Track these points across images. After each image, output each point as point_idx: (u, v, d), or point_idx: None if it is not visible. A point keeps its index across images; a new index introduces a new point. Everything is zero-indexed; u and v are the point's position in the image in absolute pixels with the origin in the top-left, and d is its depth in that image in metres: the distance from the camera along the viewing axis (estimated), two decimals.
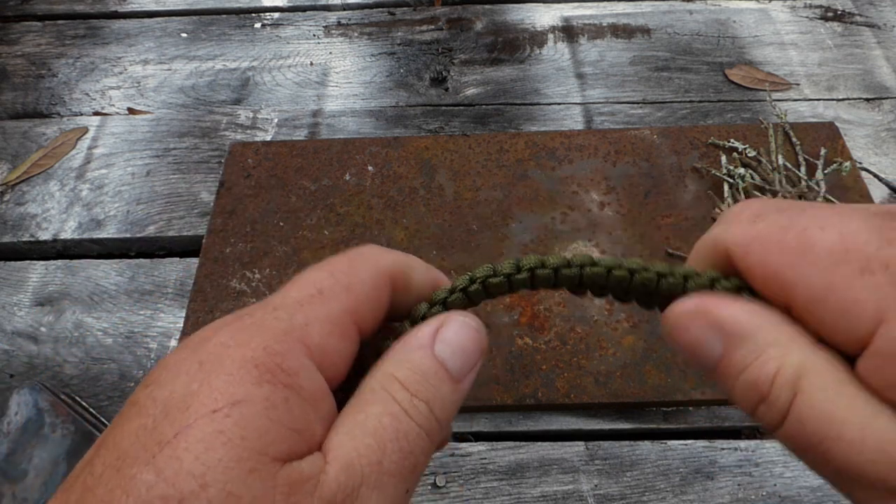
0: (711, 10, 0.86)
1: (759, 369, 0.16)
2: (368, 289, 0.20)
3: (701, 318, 0.18)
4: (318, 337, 0.18)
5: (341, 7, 0.89)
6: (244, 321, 0.18)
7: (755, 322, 0.17)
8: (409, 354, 0.19)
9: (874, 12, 0.85)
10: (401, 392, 0.18)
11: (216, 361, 0.17)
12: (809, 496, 0.48)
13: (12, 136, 0.75)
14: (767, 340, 0.17)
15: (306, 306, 0.19)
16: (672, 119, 0.74)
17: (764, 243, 0.17)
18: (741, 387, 0.17)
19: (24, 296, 0.61)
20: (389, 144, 0.69)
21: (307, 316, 0.19)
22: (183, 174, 0.70)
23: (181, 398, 0.16)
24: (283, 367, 0.17)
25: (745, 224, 0.18)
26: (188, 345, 0.18)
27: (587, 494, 0.49)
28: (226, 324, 0.19)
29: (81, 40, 0.86)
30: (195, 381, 0.17)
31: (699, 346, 0.18)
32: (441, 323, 0.20)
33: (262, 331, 0.18)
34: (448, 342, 0.20)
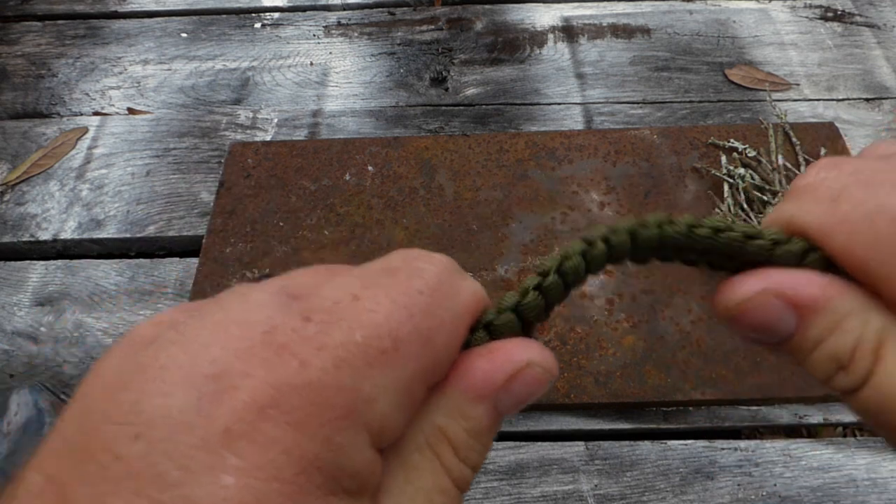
0: (711, 10, 0.86)
1: (838, 340, 0.16)
2: (451, 339, 0.16)
3: (773, 297, 0.16)
4: (382, 418, 0.14)
5: (341, 7, 0.89)
6: (291, 366, 0.13)
7: (831, 293, 0.16)
8: (467, 408, 0.16)
9: (874, 12, 0.85)
10: (451, 458, 0.15)
11: (257, 451, 0.12)
12: (809, 496, 0.48)
13: (12, 136, 0.74)
14: (844, 311, 0.16)
15: (376, 369, 0.14)
16: (672, 119, 0.74)
17: (850, 231, 0.16)
18: (818, 358, 0.16)
19: (24, 296, 0.61)
20: (389, 144, 0.69)
21: (375, 385, 0.14)
22: (183, 174, 0.70)
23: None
24: (349, 469, 0.13)
25: (825, 204, 0.16)
26: (187, 374, 0.13)
27: (587, 494, 0.49)
28: (253, 351, 0.13)
29: (81, 40, 0.86)
30: (231, 485, 0.12)
31: (769, 325, 0.17)
32: (521, 366, 0.16)
33: (320, 401, 0.13)
34: (516, 395, 0.16)
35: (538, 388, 0.16)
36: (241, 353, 0.13)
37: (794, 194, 0.18)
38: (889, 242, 0.15)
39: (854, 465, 0.50)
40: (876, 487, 0.49)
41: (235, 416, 0.12)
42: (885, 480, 0.49)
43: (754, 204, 0.61)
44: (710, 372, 0.53)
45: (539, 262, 0.19)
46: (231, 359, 0.13)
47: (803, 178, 0.18)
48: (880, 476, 0.49)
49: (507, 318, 0.17)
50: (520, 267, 0.59)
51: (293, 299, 0.15)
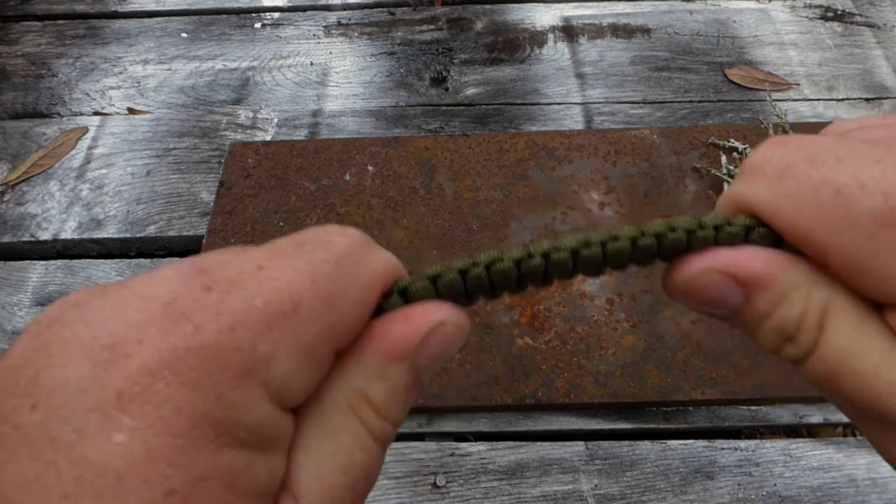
0: (711, 10, 0.86)
1: (784, 313, 0.16)
2: (356, 306, 0.16)
3: (718, 275, 0.17)
4: (283, 376, 0.15)
5: (341, 7, 0.89)
6: (184, 331, 0.14)
7: (774, 268, 0.17)
8: (386, 369, 0.16)
9: (874, 12, 0.85)
10: (372, 417, 0.16)
11: (150, 410, 0.13)
12: (809, 496, 0.48)
13: (12, 136, 0.74)
14: (789, 285, 0.16)
15: (275, 330, 0.14)
16: (672, 119, 0.74)
17: (795, 205, 0.16)
18: (766, 331, 0.17)
19: (24, 296, 0.61)
20: (389, 144, 0.69)
21: (274, 345, 0.14)
22: (183, 174, 0.70)
23: (103, 468, 0.12)
24: (244, 423, 0.14)
25: (771, 181, 0.17)
26: (84, 346, 0.13)
27: (587, 494, 0.49)
28: (150, 320, 0.14)
29: (81, 40, 0.86)
30: (124, 443, 0.13)
31: (718, 300, 0.18)
32: (434, 325, 0.17)
33: (214, 361, 0.14)
34: (433, 353, 0.17)
35: (452, 344, 0.17)
36: (139, 323, 0.14)
37: (743, 173, 0.18)
38: (832, 214, 0.15)
39: (854, 465, 0.50)
40: (876, 487, 0.49)
41: (128, 380, 0.13)
42: (885, 480, 0.49)
43: None
44: (710, 372, 0.53)
45: (491, 252, 0.19)
46: (128, 329, 0.14)
47: (752, 158, 0.18)
48: (880, 476, 0.49)
49: (422, 285, 0.18)
50: None
51: (200, 273, 0.15)
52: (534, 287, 0.20)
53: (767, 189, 0.17)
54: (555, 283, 0.21)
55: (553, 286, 0.20)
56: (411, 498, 0.49)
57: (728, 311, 0.18)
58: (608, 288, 0.58)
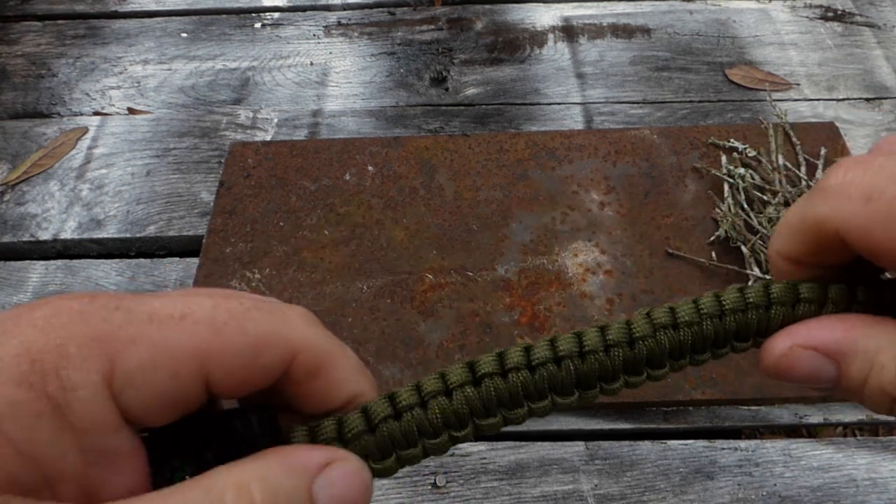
0: (711, 10, 0.86)
1: (879, 377, 0.17)
2: (247, 345, 0.16)
3: (802, 351, 0.17)
4: (138, 362, 0.14)
5: (341, 7, 0.89)
6: (69, 305, 0.15)
7: (853, 335, 0.17)
8: (281, 476, 0.15)
9: (874, 12, 0.85)
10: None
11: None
12: (809, 496, 0.48)
13: (12, 136, 0.74)
14: (873, 348, 0.17)
15: (156, 324, 0.15)
16: (672, 119, 0.74)
17: (885, 227, 0.16)
18: (870, 396, 0.17)
19: (24, 296, 0.61)
20: (389, 144, 0.69)
21: (143, 332, 0.15)
22: (183, 174, 0.70)
23: None
24: (61, 374, 0.14)
25: (858, 203, 0.17)
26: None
27: (587, 494, 0.49)
28: (47, 301, 0.15)
29: (81, 40, 0.86)
30: None
31: (813, 376, 0.18)
32: (334, 458, 0.16)
33: (73, 325, 0.14)
34: (333, 486, 0.16)
35: (356, 486, 0.16)
36: None
37: (821, 194, 0.18)
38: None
39: (854, 465, 0.50)
40: (876, 487, 0.49)
41: None
42: (885, 480, 0.49)
43: (754, 204, 0.61)
44: (710, 372, 0.53)
45: (434, 379, 0.19)
46: None
47: (830, 179, 0.18)
48: (880, 476, 0.49)
49: (330, 429, 0.17)
50: (520, 267, 0.59)
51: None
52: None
53: (855, 211, 0.17)
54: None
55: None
56: (411, 498, 0.49)
57: (828, 383, 0.18)
58: (608, 288, 0.58)
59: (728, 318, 0.18)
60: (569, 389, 0.18)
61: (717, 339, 0.18)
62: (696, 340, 0.18)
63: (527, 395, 0.18)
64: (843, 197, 0.17)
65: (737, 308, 0.18)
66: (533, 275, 0.59)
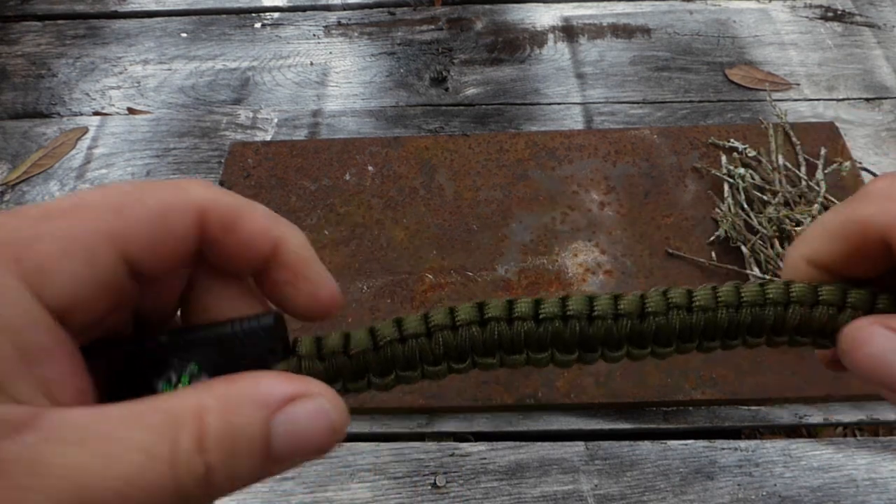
0: (711, 10, 0.86)
1: None
2: (151, 215, 0.16)
3: (885, 333, 0.17)
4: (45, 254, 0.14)
5: (341, 7, 0.89)
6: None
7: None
8: (241, 406, 0.15)
9: (874, 12, 0.85)
10: (188, 441, 0.14)
11: None
12: (809, 496, 0.48)
13: (12, 136, 0.74)
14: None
15: (53, 219, 0.15)
16: (672, 119, 0.74)
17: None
18: None
19: None
20: (389, 144, 0.69)
21: (42, 228, 0.15)
22: (183, 174, 0.70)
23: None
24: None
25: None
26: None
27: (587, 494, 0.49)
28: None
29: (81, 40, 0.86)
30: None
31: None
32: (301, 393, 0.16)
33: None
34: (293, 423, 0.15)
35: (319, 427, 0.16)
36: None
37: (866, 198, 0.18)
38: None
39: (854, 465, 0.50)
40: (876, 487, 0.49)
41: None
42: (885, 480, 0.49)
43: (754, 204, 0.61)
44: (710, 372, 0.53)
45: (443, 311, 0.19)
46: None
47: (875, 185, 0.18)
48: (880, 476, 0.49)
49: (308, 346, 0.18)
50: (520, 267, 0.59)
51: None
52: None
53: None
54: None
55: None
56: (411, 498, 0.49)
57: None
58: (608, 288, 0.58)
59: (744, 311, 0.18)
60: (570, 348, 0.19)
61: (729, 328, 0.18)
62: (708, 326, 0.18)
63: (528, 344, 0.18)
64: (891, 200, 0.17)
65: (755, 301, 0.18)
66: (533, 275, 0.59)
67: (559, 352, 0.18)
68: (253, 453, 0.15)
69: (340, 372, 0.18)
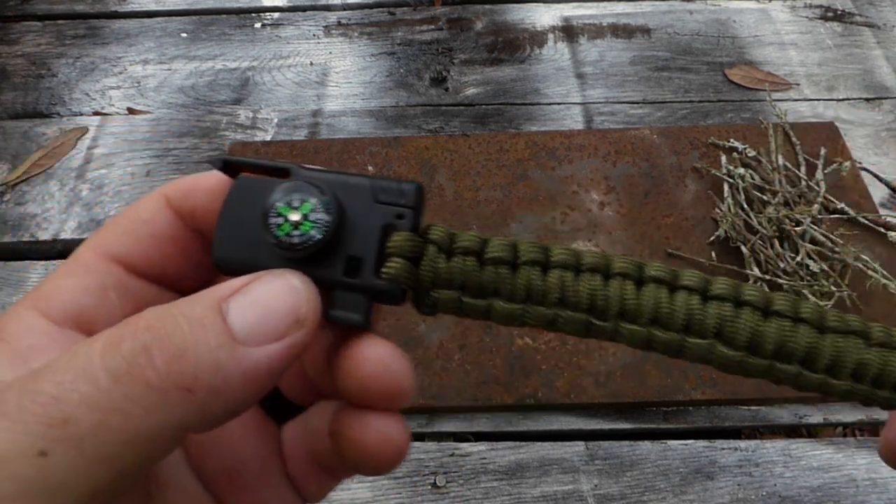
0: (711, 10, 0.86)
1: None
2: (131, 223, 0.18)
3: None
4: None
5: (341, 7, 0.89)
6: None
7: None
8: (192, 303, 0.14)
9: (874, 12, 0.85)
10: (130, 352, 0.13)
11: None
12: (809, 496, 0.48)
13: (12, 136, 0.74)
14: None
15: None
16: (672, 119, 0.74)
17: None
18: None
19: (23, 296, 0.61)
20: (389, 144, 0.69)
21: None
22: (183, 174, 0.70)
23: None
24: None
25: None
26: None
27: (587, 494, 0.49)
28: None
29: (81, 40, 0.86)
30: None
31: None
32: (259, 277, 0.15)
33: None
34: (250, 296, 0.15)
35: (278, 293, 0.15)
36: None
37: None
38: None
39: (854, 465, 0.50)
40: (876, 487, 0.49)
41: None
42: (885, 480, 0.49)
43: (754, 204, 0.61)
44: (710, 372, 0.53)
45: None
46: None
47: None
48: (880, 476, 0.49)
49: (441, 235, 0.17)
50: None
51: None
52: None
53: None
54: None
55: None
56: (411, 498, 0.49)
57: None
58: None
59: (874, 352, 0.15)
60: (674, 325, 0.16)
61: (857, 369, 0.15)
62: (838, 356, 0.15)
63: (623, 312, 0.16)
64: None
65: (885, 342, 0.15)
66: None
67: (659, 328, 0.16)
68: (209, 337, 0.14)
69: (467, 278, 0.16)
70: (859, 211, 0.61)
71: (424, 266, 0.16)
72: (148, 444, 0.13)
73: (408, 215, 0.16)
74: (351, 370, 0.16)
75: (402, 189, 0.17)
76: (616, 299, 0.16)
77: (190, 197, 0.18)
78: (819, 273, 0.54)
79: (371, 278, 0.16)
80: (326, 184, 0.16)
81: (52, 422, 0.12)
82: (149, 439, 0.13)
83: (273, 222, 0.16)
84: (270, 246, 0.16)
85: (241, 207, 0.17)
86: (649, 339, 0.16)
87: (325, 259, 0.16)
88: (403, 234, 0.16)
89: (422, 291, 0.17)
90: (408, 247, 0.16)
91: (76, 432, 0.12)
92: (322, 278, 0.16)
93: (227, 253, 0.16)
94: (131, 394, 0.13)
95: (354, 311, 0.16)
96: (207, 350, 0.14)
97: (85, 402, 0.13)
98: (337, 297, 0.16)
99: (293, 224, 0.16)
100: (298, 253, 0.16)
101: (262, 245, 0.16)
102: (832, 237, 0.57)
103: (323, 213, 0.16)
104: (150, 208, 0.18)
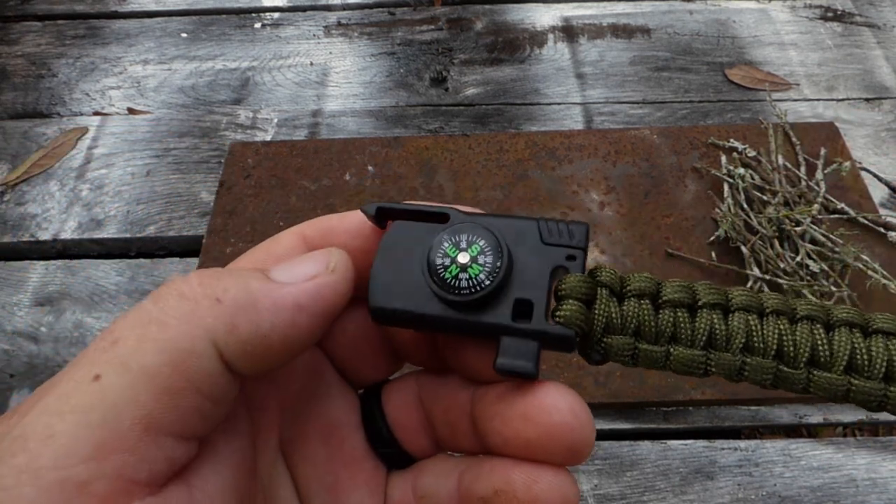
0: (711, 10, 0.86)
1: None
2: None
3: None
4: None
5: (341, 7, 0.89)
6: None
7: None
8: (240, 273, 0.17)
9: (874, 12, 0.85)
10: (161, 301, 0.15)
11: None
12: (809, 496, 0.48)
13: (12, 136, 0.74)
14: None
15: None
16: (672, 119, 0.74)
17: None
18: None
19: (24, 296, 0.61)
20: (389, 144, 0.69)
21: None
22: (183, 174, 0.70)
23: None
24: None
25: None
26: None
27: (587, 494, 0.49)
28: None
29: (81, 40, 0.86)
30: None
31: None
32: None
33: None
34: (291, 265, 0.18)
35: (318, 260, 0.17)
36: None
37: None
38: None
39: (854, 465, 0.50)
40: (876, 487, 0.49)
41: None
42: (884, 480, 0.49)
43: (754, 204, 0.61)
44: None
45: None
46: None
47: None
48: (880, 476, 0.49)
49: (611, 277, 0.16)
50: None
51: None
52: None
53: None
54: None
55: None
56: None
57: None
58: None
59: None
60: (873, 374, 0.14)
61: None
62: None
63: (813, 358, 0.15)
64: None
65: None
66: None
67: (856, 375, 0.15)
68: (247, 273, 0.16)
69: (643, 322, 0.15)
70: (859, 211, 0.61)
71: (599, 310, 0.15)
72: (183, 358, 0.14)
73: (579, 256, 0.16)
74: (534, 418, 0.15)
75: (570, 230, 0.16)
76: (806, 345, 0.15)
77: (328, 238, 0.18)
78: (819, 273, 0.54)
79: (543, 323, 0.15)
80: (492, 226, 0.16)
81: (105, 344, 0.14)
82: (183, 350, 0.14)
83: (440, 263, 0.15)
84: (431, 292, 0.15)
85: (397, 253, 0.16)
86: (849, 391, 0.15)
87: (492, 303, 0.15)
88: (577, 276, 0.16)
89: (591, 338, 0.16)
90: (583, 289, 0.15)
91: (123, 350, 0.14)
92: (490, 325, 0.15)
93: (384, 301, 0.16)
94: (167, 305, 0.15)
95: (524, 359, 0.15)
96: (241, 278, 0.16)
97: (130, 321, 0.15)
98: (504, 344, 0.15)
99: (461, 266, 0.15)
100: (466, 297, 0.15)
101: (421, 291, 0.15)
102: (832, 237, 0.57)
103: (491, 255, 0.15)
104: (286, 245, 0.19)
